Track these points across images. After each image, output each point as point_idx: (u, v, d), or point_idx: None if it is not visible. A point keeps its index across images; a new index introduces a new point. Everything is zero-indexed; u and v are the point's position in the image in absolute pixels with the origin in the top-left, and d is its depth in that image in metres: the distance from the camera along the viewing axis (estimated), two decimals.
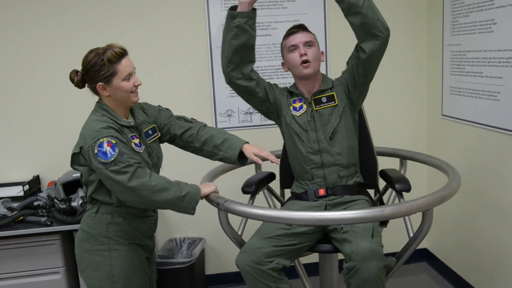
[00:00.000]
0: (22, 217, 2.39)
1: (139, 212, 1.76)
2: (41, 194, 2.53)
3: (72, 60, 2.57)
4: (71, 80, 1.71)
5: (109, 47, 1.67)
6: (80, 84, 1.71)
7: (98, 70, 1.64)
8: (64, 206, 2.37)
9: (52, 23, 2.67)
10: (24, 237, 2.37)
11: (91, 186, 1.71)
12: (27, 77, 2.70)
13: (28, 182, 2.63)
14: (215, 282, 3.02)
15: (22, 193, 2.56)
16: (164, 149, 1.94)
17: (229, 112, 2.88)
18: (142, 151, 1.73)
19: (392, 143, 2.73)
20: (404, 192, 1.96)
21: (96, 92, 1.71)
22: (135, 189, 1.59)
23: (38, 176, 2.76)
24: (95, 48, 1.68)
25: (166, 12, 2.75)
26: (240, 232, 1.97)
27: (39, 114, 2.74)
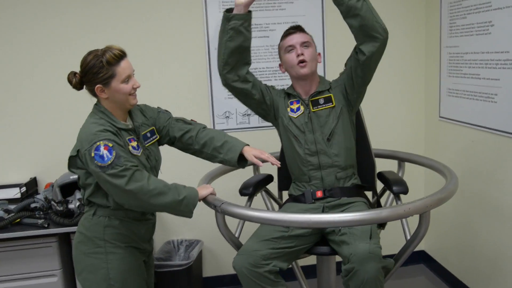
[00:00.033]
0: (19, 219, 2.38)
1: (137, 215, 1.75)
2: (38, 196, 2.52)
3: (70, 61, 2.56)
4: (69, 81, 1.70)
5: (108, 49, 1.66)
6: (78, 86, 1.70)
7: (97, 72, 1.63)
8: (61, 208, 2.36)
9: (49, 24, 2.66)
10: (21, 240, 2.35)
11: (88, 189, 1.70)
12: (25, 78, 2.70)
13: (25, 184, 2.62)
14: (212, 284, 3.01)
15: (19, 195, 2.56)
16: (164, 149, 1.93)
17: (227, 114, 2.88)
18: (139, 154, 1.72)
19: (390, 145, 2.73)
20: (402, 194, 1.96)
21: (94, 94, 1.70)
22: (133, 193, 1.59)
23: (35, 178, 2.75)
24: (94, 50, 1.67)
25: (164, 14, 2.75)
26: (237, 234, 1.97)
27: (36, 115, 2.73)
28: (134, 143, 1.72)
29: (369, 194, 2.21)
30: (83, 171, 1.68)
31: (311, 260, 2.24)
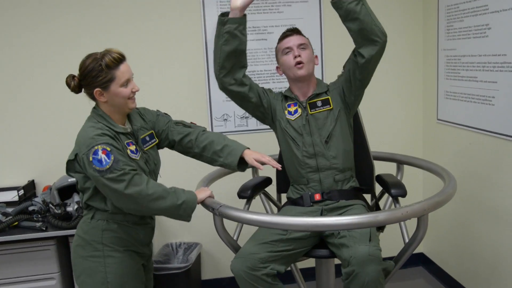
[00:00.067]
0: (16, 223, 2.37)
1: (136, 219, 1.75)
2: (36, 199, 2.51)
3: (69, 64, 2.55)
4: (68, 85, 1.69)
5: (107, 52, 1.65)
6: (76, 89, 1.69)
7: (96, 76, 1.62)
8: (59, 211, 2.36)
9: (47, 27, 2.66)
10: (19, 243, 2.35)
11: (87, 193, 1.70)
12: (24, 80, 2.69)
13: (23, 187, 2.61)
14: (211, 287, 3.00)
15: (17, 198, 2.55)
16: (164, 152, 1.93)
17: (225, 117, 2.88)
18: (138, 158, 1.71)
19: (388, 147, 2.74)
20: (400, 197, 1.96)
21: (93, 98, 1.70)
22: (132, 197, 1.59)
23: (33, 181, 2.75)
24: (93, 53, 1.66)
25: (161, 16, 2.75)
26: (235, 237, 1.97)
27: (34, 118, 2.73)
28: (133, 147, 1.71)
29: (368, 196, 2.22)
30: (81, 175, 1.67)
31: (310, 262, 2.24)
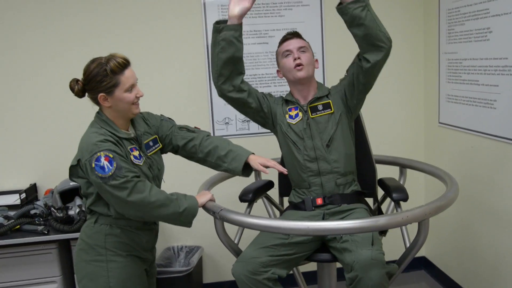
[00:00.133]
0: (18, 226, 2.37)
1: (139, 224, 1.75)
2: (38, 203, 2.52)
3: (71, 66, 2.57)
4: (71, 89, 1.69)
5: (111, 57, 1.64)
6: (80, 94, 1.69)
7: (100, 81, 1.62)
8: (61, 215, 2.36)
9: (48, 30, 2.67)
10: (21, 246, 2.35)
11: (90, 198, 1.70)
12: (24, 84, 2.70)
13: (25, 191, 2.62)
14: None
15: (18, 202, 2.55)
16: (167, 155, 1.93)
17: (226, 120, 2.88)
18: (141, 164, 1.71)
19: (389, 150, 2.74)
20: (402, 201, 1.96)
21: (96, 103, 1.69)
22: (134, 204, 1.59)
23: (35, 184, 2.75)
24: (97, 58, 1.66)
25: (162, 20, 2.75)
26: (236, 241, 1.96)
27: (36, 121, 2.73)
28: (136, 153, 1.71)
29: (370, 200, 2.21)
30: (84, 180, 1.67)
31: (312, 266, 2.24)
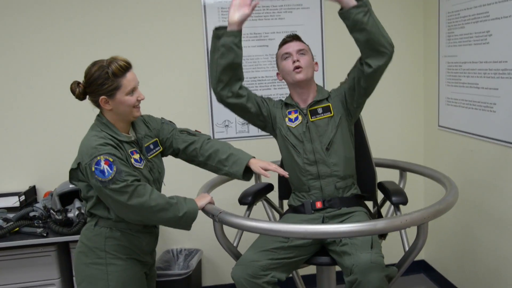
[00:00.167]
0: (17, 228, 2.37)
1: (139, 227, 1.74)
2: (37, 205, 2.51)
3: (71, 69, 2.56)
4: (72, 91, 1.68)
5: (113, 60, 1.64)
6: (81, 97, 1.68)
7: (102, 84, 1.62)
8: (60, 217, 2.36)
9: (48, 32, 2.67)
10: (20, 249, 2.35)
11: (90, 202, 1.69)
12: (24, 86, 2.70)
13: (24, 193, 2.61)
14: None
15: (18, 204, 2.55)
16: (168, 158, 1.93)
17: (226, 123, 2.88)
18: (142, 167, 1.71)
19: (389, 153, 2.74)
20: (401, 205, 1.96)
21: (97, 105, 1.69)
22: (134, 208, 1.59)
23: (34, 186, 2.75)
24: (99, 61, 1.65)
25: (162, 22, 2.76)
26: (235, 244, 1.96)
27: (36, 124, 2.73)
28: (137, 156, 1.71)
29: (370, 203, 2.21)
30: (84, 183, 1.67)
31: (311, 269, 2.24)
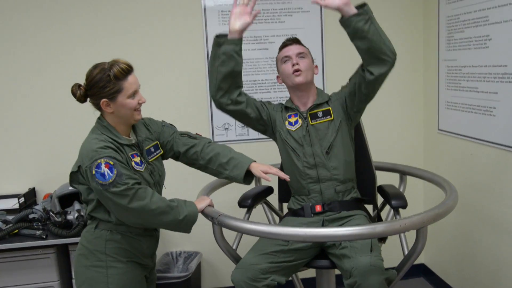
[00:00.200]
0: (17, 230, 2.37)
1: (139, 230, 1.74)
2: (36, 207, 2.51)
3: (71, 70, 2.56)
4: (73, 94, 1.68)
5: (115, 62, 1.63)
6: (82, 99, 1.68)
7: (103, 86, 1.61)
8: (59, 219, 2.35)
9: (48, 33, 2.67)
10: (19, 251, 2.34)
11: (91, 205, 1.69)
12: (23, 88, 2.70)
13: (24, 195, 2.61)
14: None
15: (17, 206, 2.55)
16: (169, 161, 1.93)
17: (226, 126, 2.88)
18: (143, 170, 1.71)
19: (389, 157, 2.74)
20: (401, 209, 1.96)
21: (98, 108, 1.69)
22: (135, 211, 1.59)
23: (33, 188, 2.75)
24: (100, 63, 1.65)
25: (162, 24, 2.76)
26: (234, 246, 1.96)
27: (36, 126, 2.73)
28: (137, 159, 1.70)
29: (370, 207, 2.21)
30: (84, 186, 1.67)
31: (311, 272, 2.23)
